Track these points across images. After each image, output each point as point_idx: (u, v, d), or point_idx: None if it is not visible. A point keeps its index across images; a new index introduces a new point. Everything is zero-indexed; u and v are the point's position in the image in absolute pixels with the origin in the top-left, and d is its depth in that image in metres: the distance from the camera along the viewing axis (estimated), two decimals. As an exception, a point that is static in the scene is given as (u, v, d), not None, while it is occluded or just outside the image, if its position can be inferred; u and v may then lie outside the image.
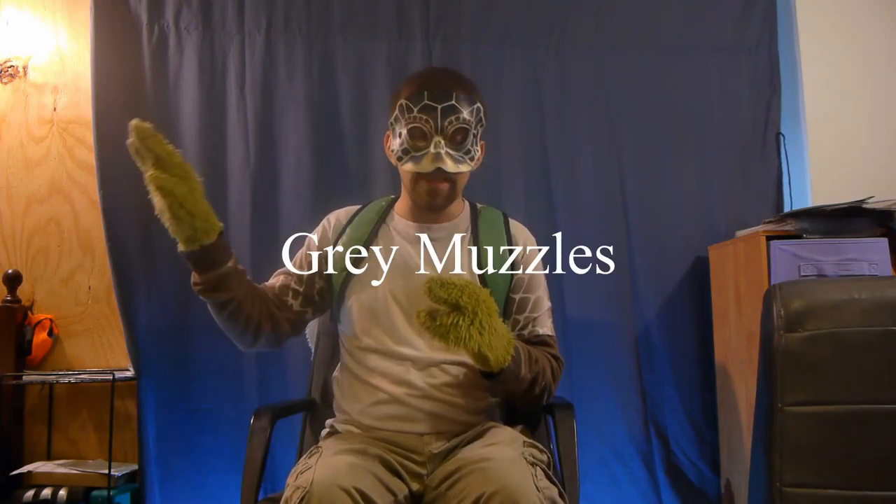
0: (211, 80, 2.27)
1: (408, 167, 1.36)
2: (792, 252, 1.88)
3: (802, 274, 1.86)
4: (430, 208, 1.42)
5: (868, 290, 1.18)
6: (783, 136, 2.40)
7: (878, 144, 2.40)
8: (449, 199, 1.41)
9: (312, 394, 1.60)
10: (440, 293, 1.10)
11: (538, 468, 1.15)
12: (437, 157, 1.32)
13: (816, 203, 2.10)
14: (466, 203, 1.52)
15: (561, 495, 1.14)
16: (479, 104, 1.39)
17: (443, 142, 1.33)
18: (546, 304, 1.46)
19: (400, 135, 1.37)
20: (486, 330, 1.13)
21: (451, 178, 1.37)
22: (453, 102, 1.33)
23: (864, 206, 1.92)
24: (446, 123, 1.33)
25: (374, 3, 2.34)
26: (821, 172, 2.38)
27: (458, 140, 1.35)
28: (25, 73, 2.42)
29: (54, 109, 2.41)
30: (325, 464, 1.13)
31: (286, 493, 1.10)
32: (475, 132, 1.38)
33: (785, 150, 2.40)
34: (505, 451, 1.19)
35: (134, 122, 1.11)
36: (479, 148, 1.41)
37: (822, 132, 2.40)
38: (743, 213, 2.32)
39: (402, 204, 1.49)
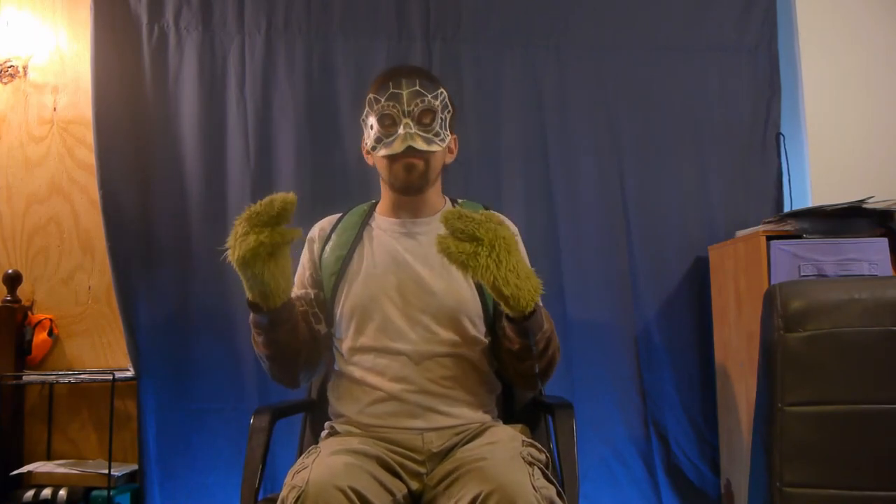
0: (211, 80, 2.27)
1: (381, 153, 1.40)
2: (792, 252, 1.88)
3: (802, 274, 1.86)
4: (408, 186, 1.43)
5: (868, 290, 1.18)
6: (783, 136, 2.40)
7: (878, 144, 2.40)
8: (424, 177, 1.43)
9: (312, 394, 1.60)
10: (457, 224, 1.11)
11: (536, 467, 1.14)
12: (408, 136, 1.37)
13: (816, 203, 2.10)
14: (446, 199, 1.55)
15: (559, 495, 1.13)
16: (442, 90, 1.44)
17: (411, 123, 1.38)
18: None
19: (371, 126, 1.42)
20: (504, 265, 1.13)
21: (424, 156, 1.40)
22: (417, 88, 1.40)
23: (864, 206, 1.92)
24: (412, 106, 1.39)
25: (375, 3, 2.34)
26: (821, 172, 2.37)
27: (426, 122, 1.40)
28: (25, 73, 2.42)
29: (54, 109, 2.41)
30: (322, 463, 1.13)
31: (283, 493, 1.10)
32: (442, 116, 1.42)
33: (785, 150, 2.40)
34: (503, 450, 1.19)
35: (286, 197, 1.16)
36: (448, 134, 1.44)
37: (822, 132, 2.40)
38: (743, 213, 2.32)
39: (384, 204, 1.52)
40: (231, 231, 1.19)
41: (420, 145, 1.37)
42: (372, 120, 1.42)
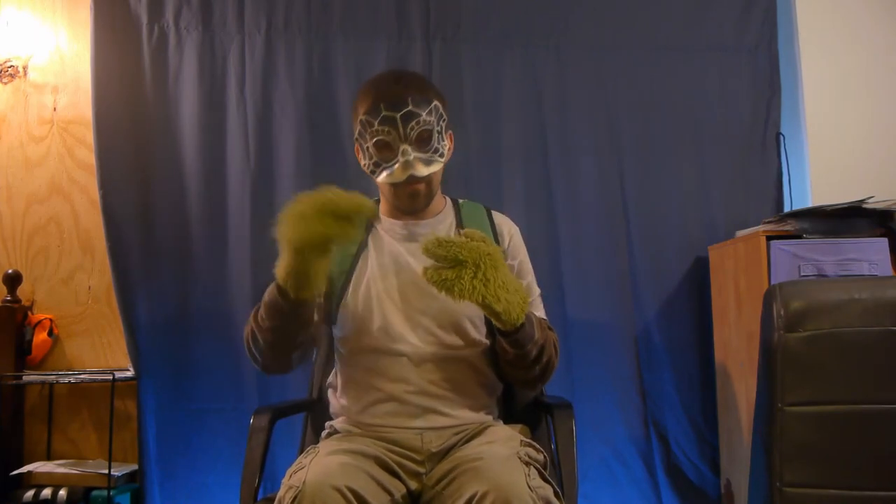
0: (211, 80, 2.27)
1: (382, 179, 1.38)
2: (792, 252, 1.88)
3: (802, 274, 1.86)
4: (413, 211, 1.44)
5: (868, 290, 1.18)
6: (783, 136, 2.40)
7: (878, 144, 2.40)
8: (428, 197, 1.43)
9: (313, 394, 1.60)
10: (438, 251, 1.11)
11: (532, 467, 1.14)
12: (408, 164, 1.33)
13: (816, 203, 2.10)
14: (447, 199, 1.54)
15: (556, 495, 1.13)
16: (436, 101, 1.39)
17: (409, 148, 1.33)
18: (536, 290, 1.46)
19: (367, 150, 1.38)
20: (492, 282, 1.13)
21: (426, 179, 1.39)
22: (410, 108, 1.33)
23: (864, 206, 1.92)
24: (409, 130, 1.34)
25: (375, 3, 2.34)
26: (821, 172, 2.37)
27: (424, 141, 1.36)
28: (25, 73, 2.42)
29: (54, 109, 2.41)
30: (319, 463, 1.13)
31: (280, 493, 1.11)
32: (439, 129, 1.38)
33: (785, 150, 2.40)
34: (500, 450, 1.19)
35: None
36: (446, 143, 1.42)
37: (822, 132, 2.40)
38: (743, 213, 2.32)
39: (385, 205, 1.51)
40: (287, 205, 1.14)
41: (421, 171, 1.35)
42: (367, 143, 1.38)
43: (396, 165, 1.34)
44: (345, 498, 1.06)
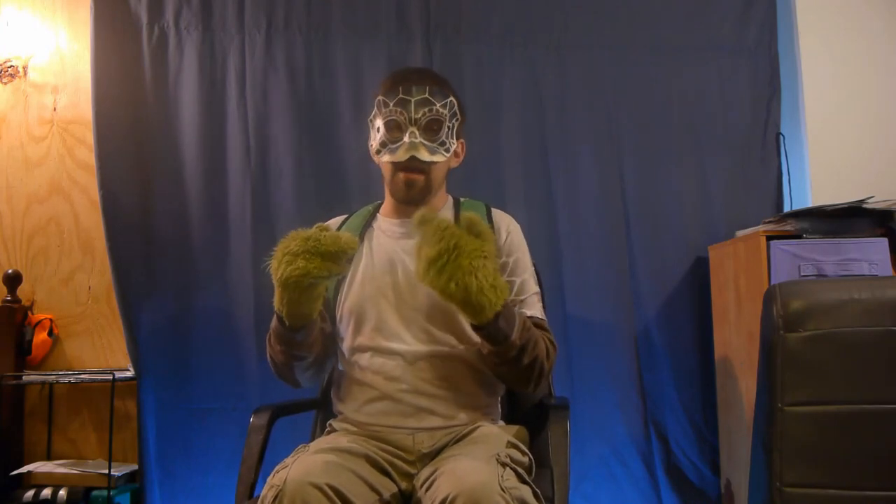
0: (211, 80, 2.27)
1: (385, 158, 1.41)
2: (792, 252, 1.88)
3: (802, 274, 1.86)
4: (408, 200, 1.45)
5: (868, 290, 1.18)
6: (783, 136, 2.40)
7: (878, 144, 2.40)
8: (425, 190, 1.44)
9: (316, 393, 1.60)
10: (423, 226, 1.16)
11: (509, 468, 1.13)
12: (412, 146, 1.37)
13: (816, 203, 2.10)
14: (449, 197, 1.55)
15: (535, 496, 1.13)
16: (452, 98, 1.43)
17: (417, 132, 1.38)
18: (533, 287, 1.45)
19: (378, 129, 1.42)
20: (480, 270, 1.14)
21: (425, 168, 1.41)
22: (426, 95, 1.38)
23: (864, 206, 1.92)
24: (420, 115, 1.38)
25: (375, 2, 2.34)
26: (821, 172, 2.37)
27: (432, 130, 1.40)
28: (25, 73, 2.42)
29: (54, 109, 2.41)
30: (302, 462, 1.13)
31: (262, 491, 1.11)
32: (450, 125, 1.41)
33: (785, 150, 2.40)
34: (479, 451, 1.18)
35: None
36: (455, 142, 1.44)
37: (822, 132, 2.40)
38: (743, 213, 2.32)
39: (386, 205, 1.53)
40: (280, 241, 1.20)
41: (424, 155, 1.38)
42: (379, 122, 1.42)
43: (401, 146, 1.37)
44: (325, 495, 1.06)
